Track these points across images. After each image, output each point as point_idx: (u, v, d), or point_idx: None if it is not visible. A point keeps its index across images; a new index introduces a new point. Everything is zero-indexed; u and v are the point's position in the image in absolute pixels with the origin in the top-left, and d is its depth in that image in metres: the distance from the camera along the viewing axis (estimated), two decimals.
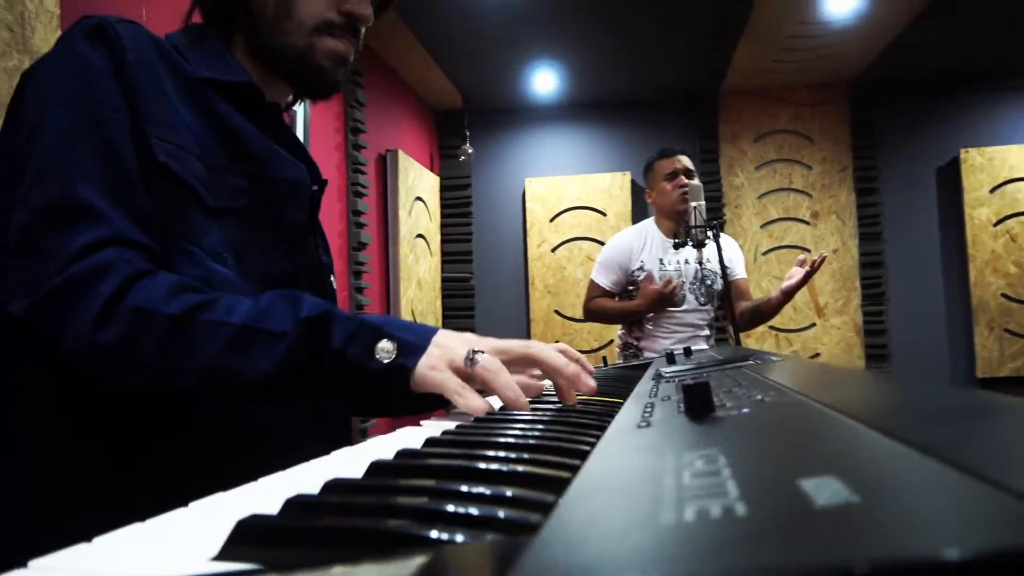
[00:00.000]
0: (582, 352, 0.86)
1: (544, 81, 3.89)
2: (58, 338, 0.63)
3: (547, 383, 0.76)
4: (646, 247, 2.81)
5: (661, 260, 2.78)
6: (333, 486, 0.36)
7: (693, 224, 2.40)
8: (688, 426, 0.36)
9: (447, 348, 0.67)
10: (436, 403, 0.75)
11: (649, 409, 0.47)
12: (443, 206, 4.30)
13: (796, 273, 2.51)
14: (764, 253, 4.15)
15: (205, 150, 0.77)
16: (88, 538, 0.30)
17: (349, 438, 0.85)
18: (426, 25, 3.14)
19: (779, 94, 4.14)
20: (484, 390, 0.67)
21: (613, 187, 4.23)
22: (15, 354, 0.70)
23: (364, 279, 3.00)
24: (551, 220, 4.29)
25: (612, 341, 2.95)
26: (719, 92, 4.13)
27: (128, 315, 0.63)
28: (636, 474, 0.27)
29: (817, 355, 4.06)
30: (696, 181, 2.79)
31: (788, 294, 2.48)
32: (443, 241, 4.28)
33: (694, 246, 2.39)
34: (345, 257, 2.90)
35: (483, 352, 0.66)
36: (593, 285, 2.89)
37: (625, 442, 0.36)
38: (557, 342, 1.18)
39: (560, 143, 4.38)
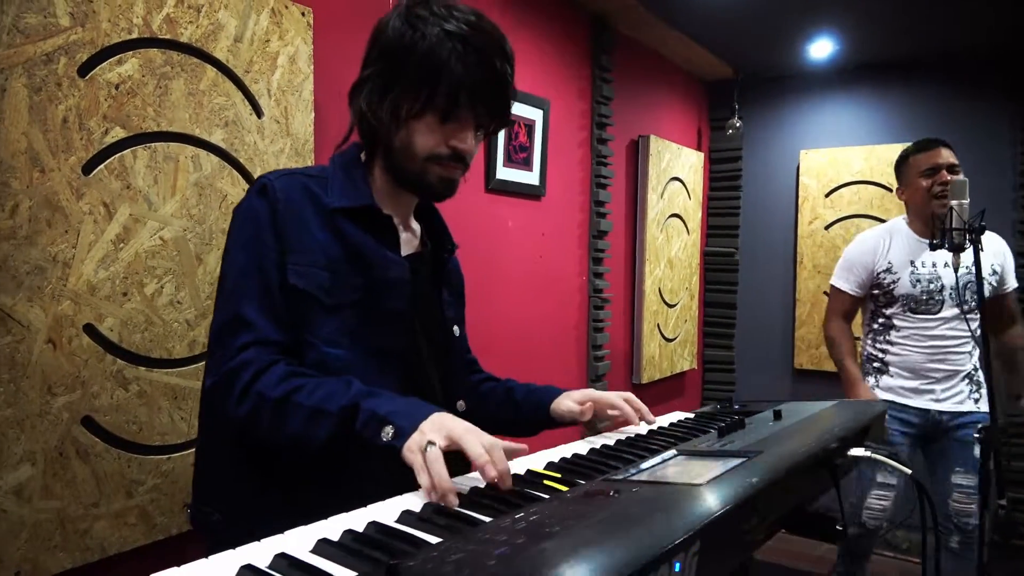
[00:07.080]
0: None
1: (821, 45, 3.61)
2: (223, 408, 1.03)
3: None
4: (893, 247, 2.59)
5: (912, 262, 2.55)
6: None
7: (949, 226, 2.18)
8: None
9: (424, 434, 0.88)
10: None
11: None
12: (711, 179, 4.28)
13: None
14: None
15: (331, 260, 1.11)
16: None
17: None
18: (685, 16, 3.16)
19: None
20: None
21: None
22: None
23: (605, 264, 3.24)
24: (826, 195, 4.00)
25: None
26: None
27: (254, 397, 0.99)
28: None
29: None
30: (961, 176, 2.46)
31: None
32: (709, 215, 4.28)
33: (950, 249, 2.17)
34: (586, 246, 3.17)
35: (434, 444, 0.86)
36: (834, 292, 2.71)
37: None
38: (626, 391, 1.32)
39: (841, 112, 4.01)
